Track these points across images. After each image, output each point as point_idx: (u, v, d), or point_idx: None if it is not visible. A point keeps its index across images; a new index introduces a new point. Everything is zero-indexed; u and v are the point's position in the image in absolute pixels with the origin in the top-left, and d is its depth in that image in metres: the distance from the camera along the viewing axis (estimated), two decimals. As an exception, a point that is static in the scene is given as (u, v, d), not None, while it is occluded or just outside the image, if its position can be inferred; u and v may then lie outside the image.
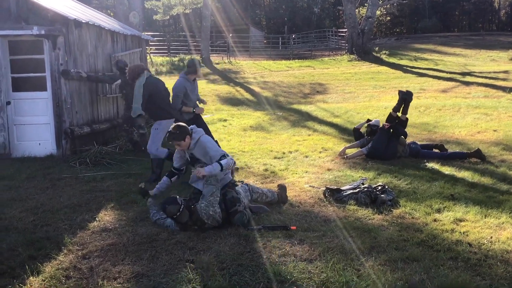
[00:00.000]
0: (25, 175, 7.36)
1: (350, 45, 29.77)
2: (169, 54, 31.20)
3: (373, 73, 22.61)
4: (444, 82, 19.02)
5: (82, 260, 4.22)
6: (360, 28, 29.03)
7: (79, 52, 8.90)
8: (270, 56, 33.24)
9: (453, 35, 42.64)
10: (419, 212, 5.32)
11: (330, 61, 28.35)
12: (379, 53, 29.35)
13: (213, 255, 4.24)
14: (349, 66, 26.06)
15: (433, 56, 29.01)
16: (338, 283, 3.65)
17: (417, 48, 32.78)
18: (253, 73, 24.72)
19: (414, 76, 21.10)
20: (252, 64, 28.26)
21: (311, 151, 8.83)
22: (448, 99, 14.93)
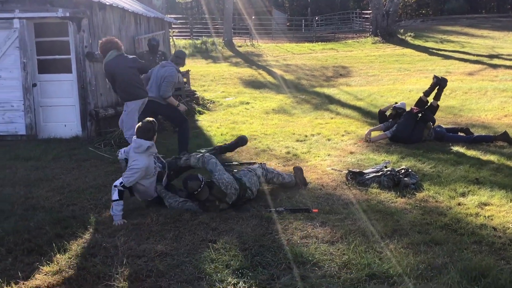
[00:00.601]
0: (51, 156, 7.50)
1: (374, 27, 29.30)
2: (192, 37, 31.19)
3: (398, 56, 22.26)
4: (470, 64, 18.63)
5: (107, 238, 4.31)
6: (385, 10, 28.52)
7: (103, 34, 8.95)
8: (293, 39, 32.96)
9: (481, 17, 41.51)
10: (443, 195, 5.26)
11: (353, 44, 27.99)
12: (404, 35, 28.81)
13: (235, 236, 4.28)
14: (373, 48, 25.70)
15: (460, 38, 28.36)
16: (359, 265, 3.66)
17: (443, 30, 32.07)
18: (276, 56, 24.59)
19: (440, 59, 20.71)
20: (275, 47, 28.10)
21: (333, 134, 8.79)
22: (475, 82, 14.63)
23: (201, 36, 30.87)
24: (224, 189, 4.93)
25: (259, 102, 13.20)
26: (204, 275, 3.60)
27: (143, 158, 4.90)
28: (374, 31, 29.14)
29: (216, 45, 28.17)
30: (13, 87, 8.67)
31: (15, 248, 4.11)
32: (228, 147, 6.30)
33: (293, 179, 5.74)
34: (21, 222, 4.72)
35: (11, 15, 8.42)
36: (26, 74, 8.58)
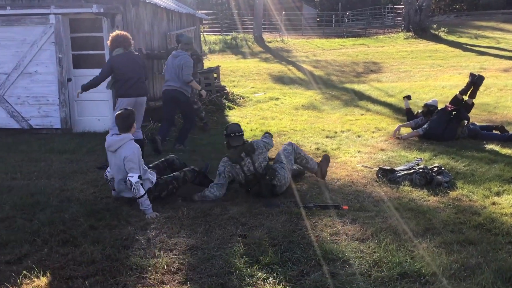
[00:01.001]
0: (85, 149, 7.67)
1: (406, 22, 28.81)
2: (222, 33, 31.29)
3: (431, 52, 21.85)
4: (506, 61, 18.14)
5: (140, 231, 4.38)
6: (417, 5, 28.00)
7: (136, 30, 9.09)
8: (323, 34, 32.70)
9: (518, 12, 40.33)
10: (477, 194, 5.16)
11: (385, 39, 27.61)
12: (437, 30, 28.23)
13: (265, 231, 4.29)
14: (405, 44, 25.29)
15: (495, 34, 27.62)
16: (391, 263, 3.62)
17: (477, 26, 31.29)
18: (305, 52, 24.46)
19: (474, 55, 20.24)
20: (305, 43, 27.95)
21: (363, 131, 8.71)
22: (510, 79, 14.25)
23: (231, 32, 30.94)
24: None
25: (289, 98, 13.17)
26: (234, 269, 3.63)
27: (130, 144, 4.98)
28: (407, 26, 28.65)
29: (246, 40, 28.20)
30: (48, 81, 8.89)
31: (50, 239, 4.22)
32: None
33: (315, 166, 5.75)
34: (57, 213, 4.84)
35: (47, 11, 8.63)
36: (61, 69, 8.78)
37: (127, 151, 4.91)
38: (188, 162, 6.79)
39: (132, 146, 4.96)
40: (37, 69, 8.89)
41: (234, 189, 5.54)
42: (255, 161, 5.28)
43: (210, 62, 19.36)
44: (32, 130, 9.02)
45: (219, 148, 7.66)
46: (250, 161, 5.26)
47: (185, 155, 7.23)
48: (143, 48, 9.05)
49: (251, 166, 5.26)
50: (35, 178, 6.15)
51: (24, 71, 8.91)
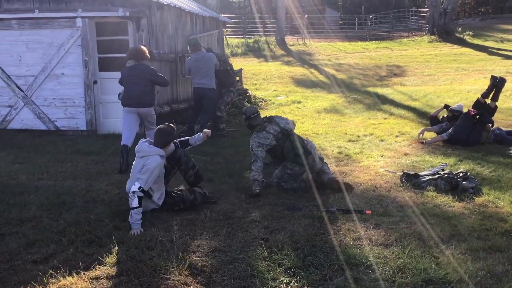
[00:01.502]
0: (110, 151, 7.77)
1: (431, 26, 28.50)
2: (245, 36, 31.41)
3: (455, 55, 21.56)
4: (533, 65, 17.81)
5: (163, 233, 4.42)
6: (442, 8, 27.67)
7: (161, 34, 9.20)
8: (346, 38, 32.57)
9: (545, 15, 39.54)
10: (503, 201, 5.07)
11: (408, 42, 27.34)
12: (462, 34, 27.86)
13: (287, 235, 4.29)
14: (429, 47, 25.00)
15: (522, 37, 27.14)
16: (415, 269, 3.58)
17: (503, 29, 30.75)
18: (328, 55, 24.38)
19: (499, 59, 19.90)
20: (327, 46, 27.86)
21: (387, 135, 8.64)
22: (538, 83, 13.94)
23: (253, 35, 31.04)
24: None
25: (311, 101, 13.15)
26: (257, 272, 3.63)
27: (155, 158, 4.81)
28: (431, 30, 28.33)
29: (268, 43, 28.25)
30: (75, 84, 9.04)
31: (76, 239, 4.28)
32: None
33: (332, 176, 5.75)
34: (82, 214, 4.91)
35: (74, 14, 8.78)
36: (87, 72, 8.93)
37: (150, 162, 4.75)
38: (211, 164, 6.86)
39: (156, 160, 4.78)
40: (63, 71, 9.06)
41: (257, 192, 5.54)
42: (279, 123, 5.78)
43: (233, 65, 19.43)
44: (58, 131, 9.19)
45: (242, 151, 7.69)
46: (273, 125, 5.73)
47: (208, 157, 7.28)
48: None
49: (276, 127, 5.72)
50: (61, 179, 6.26)
51: (51, 73, 9.08)
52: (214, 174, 6.32)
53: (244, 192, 5.59)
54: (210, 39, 11.69)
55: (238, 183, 5.93)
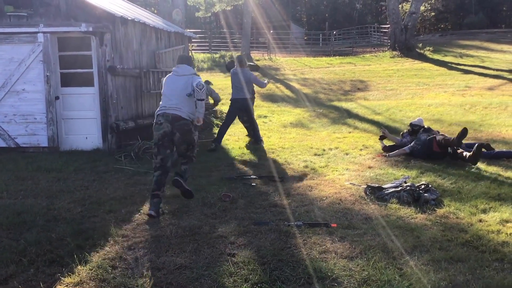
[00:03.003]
0: (72, 168, 7.61)
1: (392, 41, 29.25)
2: (210, 51, 31.49)
3: (416, 70, 22.16)
4: (490, 79, 18.46)
5: (127, 251, 4.35)
6: (403, 24, 28.47)
7: (125, 49, 9.13)
8: (311, 53, 33.06)
9: (501, 31, 41.12)
10: (464, 212, 5.21)
11: (371, 58, 27.96)
12: (423, 49, 28.70)
13: (254, 250, 4.28)
14: (391, 62, 25.63)
15: (479, 52, 28.13)
16: (379, 281, 3.63)
17: (462, 45, 31.87)
18: (293, 70, 24.67)
19: (459, 73, 20.56)
20: (292, 61, 28.20)
21: (351, 149, 8.77)
22: (495, 97, 14.48)
23: (219, 50, 31.15)
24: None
25: (277, 116, 13.24)
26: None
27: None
28: (393, 45, 29.08)
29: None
30: (36, 100, 8.84)
31: (37, 259, 4.16)
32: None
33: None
34: (43, 233, 4.78)
35: (35, 30, 8.63)
36: (49, 87, 8.76)
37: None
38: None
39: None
40: (24, 87, 8.85)
41: (223, 207, 5.53)
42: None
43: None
44: (18, 148, 8.95)
45: (208, 166, 7.67)
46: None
47: (173, 174, 7.20)
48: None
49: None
50: (22, 197, 6.09)
51: (11, 89, 8.86)
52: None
53: (210, 207, 5.56)
54: (176, 54, 11.66)
55: (204, 198, 5.89)
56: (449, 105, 13.18)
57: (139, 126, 9.54)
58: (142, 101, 9.99)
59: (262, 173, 7.12)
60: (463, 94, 15.48)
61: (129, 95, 9.38)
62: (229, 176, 6.96)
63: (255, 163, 7.93)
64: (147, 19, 10.71)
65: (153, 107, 10.50)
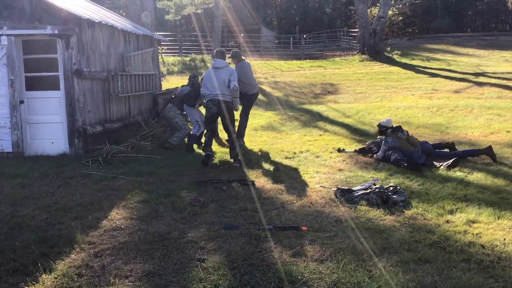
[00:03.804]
0: (38, 174, 7.42)
1: (361, 45, 29.62)
2: (181, 54, 31.28)
3: (385, 73, 22.48)
4: (456, 82, 18.86)
5: (94, 258, 4.25)
6: (372, 28, 28.88)
7: (92, 52, 8.96)
8: (281, 56, 33.19)
9: (466, 35, 42.25)
10: (431, 213, 5.28)
11: (341, 61, 28.24)
12: (391, 53, 29.16)
13: (224, 254, 4.24)
14: (360, 66, 25.94)
15: (446, 56, 28.78)
16: (349, 283, 3.64)
17: (429, 48, 32.54)
18: (264, 73, 24.71)
19: (426, 77, 20.95)
20: (263, 64, 28.25)
21: (322, 151, 8.81)
22: (461, 100, 14.80)
23: (190, 53, 30.98)
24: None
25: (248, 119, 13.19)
26: (193, 295, 3.56)
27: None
28: (362, 49, 29.45)
29: (205, 62, 28.26)
30: (0, 104, 8.59)
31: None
32: None
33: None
34: (6, 241, 4.64)
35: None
36: (13, 91, 8.52)
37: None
38: (146, 185, 6.71)
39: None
40: (-13, 91, 8.59)
41: (194, 212, 5.47)
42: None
43: (169, 83, 19.26)
44: (-19, 154, 8.67)
45: (179, 170, 7.59)
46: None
47: (143, 177, 7.11)
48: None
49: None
50: (-16, 205, 5.89)
51: (-27, 93, 8.59)
52: (149, 194, 6.17)
53: (180, 212, 5.49)
54: (145, 57, 11.53)
55: (174, 203, 5.82)
56: (417, 107, 13.40)
57: (107, 130, 9.38)
58: (110, 105, 9.82)
59: (233, 177, 7.08)
60: (430, 97, 15.77)
61: (96, 98, 9.21)
62: (199, 180, 6.89)
63: (226, 167, 7.89)
64: (115, 22, 10.55)
65: (121, 111, 10.36)
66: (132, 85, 10.52)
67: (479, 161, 7.71)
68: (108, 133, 9.43)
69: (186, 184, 6.71)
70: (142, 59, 11.23)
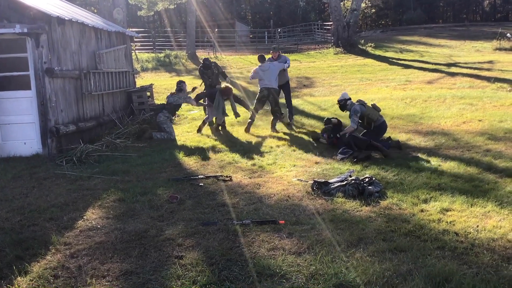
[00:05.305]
0: (11, 175, 7.28)
1: (336, 38, 29.80)
2: (155, 50, 31.00)
3: (359, 66, 22.67)
4: (429, 73, 19.14)
5: (70, 259, 4.19)
6: (345, 21, 29.07)
7: (63, 50, 8.81)
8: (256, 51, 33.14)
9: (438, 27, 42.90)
10: (406, 203, 5.36)
11: (316, 55, 28.38)
12: (365, 45, 29.42)
13: (202, 250, 4.24)
14: (335, 59, 26.11)
15: (419, 47, 29.17)
16: (326, 275, 3.68)
17: (402, 40, 32.93)
18: (240, 68, 24.68)
19: (399, 68, 21.20)
20: (238, 59, 28.21)
21: (298, 145, 8.84)
22: (434, 90, 15.02)
23: (164, 50, 30.72)
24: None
25: (224, 115, 13.14)
26: (171, 292, 3.54)
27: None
28: (336, 42, 29.63)
29: (180, 58, 28.07)
30: (-32, 105, 8.40)
31: (-27, 273, 3.96)
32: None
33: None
34: (-21, 245, 4.54)
35: (-35, 31, 8.18)
36: (-18, 92, 8.33)
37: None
38: (122, 183, 6.64)
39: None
40: (-45, 92, 8.38)
41: (171, 209, 5.44)
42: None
43: (143, 80, 19.07)
44: (-49, 157, 8.46)
45: (155, 168, 7.53)
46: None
47: (118, 176, 7.04)
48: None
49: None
50: (-45, 209, 5.75)
51: None
52: (125, 193, 6.11)
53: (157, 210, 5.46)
54: (118, 55, 11.39)
55: (151, 201, 5.78)
56: (391, 99, 13.55)
57: (81, 129, 9.25)
58: (84, 104, 9.68)
59: (210, 173, 7.07)
60: (404, 88, 15.96)
61: (69, 97, 9.07)
62: (176, 177, 6.86)
63: (203, 163, 7.86)
64: (86, 19, 10.38)
65: (95, 109, 10.23)
66: (105, 83, 10.39)
67: (452, 150, 7.85)
68: (82, 132, 9.30)
69: (163, 182, 6.67)
70: (115, 56, 11.09)
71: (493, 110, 11.09)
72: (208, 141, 9.69)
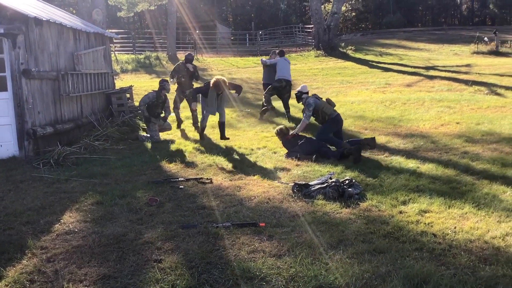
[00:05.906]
0: (-14, 178, 7.14)
1: (316, 41, 29.96)
2: (135, 52, 30.75)
3: (340, 69, 22.82)
4: (408, 76, 19.36)
5: (46, 263, 4.12)
6: (326, 24, 29.24)
7: (40, 51, 8.68)
8: (238, 53, 33.17)
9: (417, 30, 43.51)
10: (385, 204, 5.40)
11: (297, 57, 28.48)
12: (345, 48, 29.64)
13: (181, 254, 4.20)
14: (316, 62, 26.24)
15: (398, 51, 29.51)
16: (306, 277, 3.67)
17: (382, 44, 33.28)
18: (221, 70, 24.63)
19: (379, 71, 21.41)
20: (220, 61, 28.15)
21: (279, 147, 8.85)
22: (413, 93, 15.21)
23: (144, 51, 30.50)
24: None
25: (205, 117, 13.09)
26: (150, 296, 3.50)
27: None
28: (317, 45, 29.79)
29: (160, 59, 27.90)
30: None
31: None
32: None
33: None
34: (-48, 250, 4.43)
35: None
36: (-43, 93, 8.15)
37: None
38: (100, 186, 6.56)
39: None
40: None
41: (150, 212, 5.39)
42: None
43: (122, 82, 18.90)
44: None
45: (134, 170, 7.46)
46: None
47: (97, 179, 6.95)
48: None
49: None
50: None
51: None
52: (103, 196, 6.03)
53: (136, 213, 5.39)
54: (96, 56, 11.26)
55: (130, 204, 5.72)
56: (371, 102, 13.67)
57: (58, 131, 9.11)
58: (61, 105, 9.54)
59: (190, 175, 7.03)
60: (383, 91, 16.12)
61: (46, 99, 8.93)
62: (156, 179, 6.80)
63: (183, 165, 7.81)
64: (64, 20, 10.25)
65: (73, 111, 10.09)
66: (83, 84, 10.26)
67: (430, 152, 7.95)
68: (59, 134, 9.16)
69: (142, 184, 6.61)
70: (94, 58, 10.97)
71: (471, 113, 11.27)
72: (189, 143, 9.63)
